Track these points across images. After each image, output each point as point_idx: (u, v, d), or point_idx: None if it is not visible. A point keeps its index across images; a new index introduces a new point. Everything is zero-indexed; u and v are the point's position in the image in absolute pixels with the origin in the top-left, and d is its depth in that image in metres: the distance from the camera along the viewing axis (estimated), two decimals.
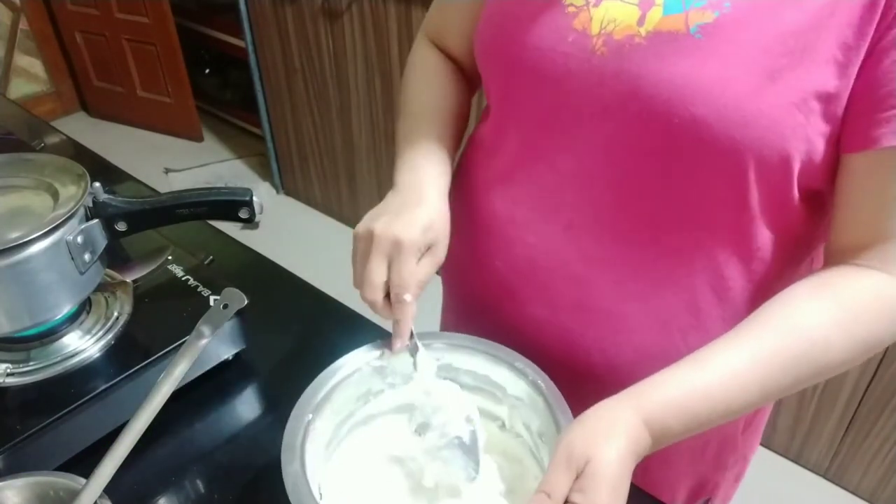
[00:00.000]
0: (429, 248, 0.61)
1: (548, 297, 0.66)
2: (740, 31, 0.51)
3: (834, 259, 0.57)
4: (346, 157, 2.39)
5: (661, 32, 0.53)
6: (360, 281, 0.60)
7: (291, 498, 0.49)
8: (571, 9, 0.57)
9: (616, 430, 0.48)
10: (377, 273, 0.58)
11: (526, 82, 0.61)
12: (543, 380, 0.58)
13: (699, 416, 0.50)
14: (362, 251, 0.60)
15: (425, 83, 0.77)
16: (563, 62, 0.57)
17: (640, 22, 0.54)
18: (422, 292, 0.60)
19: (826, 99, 0.50)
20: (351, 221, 2.55)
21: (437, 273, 0.64)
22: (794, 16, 0.50)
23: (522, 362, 0.60)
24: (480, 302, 0.73)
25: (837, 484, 1.67)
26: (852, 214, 0.54)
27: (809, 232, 0.61)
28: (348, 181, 2.45)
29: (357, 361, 0.61)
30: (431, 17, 0.78)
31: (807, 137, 0.52)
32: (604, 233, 0.61)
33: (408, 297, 0.58)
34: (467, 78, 0.77)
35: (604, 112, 0.56)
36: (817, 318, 0.52)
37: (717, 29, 0.51)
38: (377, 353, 0.62)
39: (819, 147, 0.53)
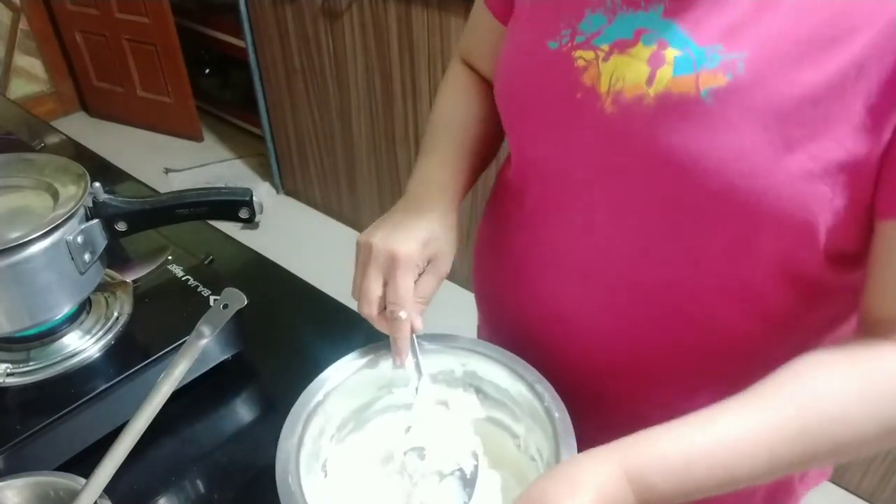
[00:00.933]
0: (430, 261, 0.60)
1: (567, 345, 0.64)
2: (755, 97, 0.46)
3: (866, 330, 0.51)
4: (346, 157, 2.39)
5: (670, 94, 0.49)
6: (357, 293, 0.59)
7: None
8: (581, 62, 0.54)
9: (586, 486, 0.44)
10: (373, 287, 0.58)
11: (538, 133, 0.59)
12: (559, 409, 0.56)
13: (695, 478, 0.45)
14: (361, 263, 0.59)
15: (452, 97, 0.74)
16: (572, 118, 0.55)
17: (650, 81, 0.50)
18: (426, 306, 0.60)
19: (853, 167, 0.46)
20: (351, 221, 2.55)
21: (469, 290, 0.63)
22: (814, 78, 0.45)
23: (542, 385, 0.58)
24: (511, 332, 0.71)
25: (838, 484, 1.67)
26: (885, 284, 0.49)
27: (835, 288, 0.56)
28: (348, 181, 2.45)
29: (346, 370, 0.61)
30: (463, 37, 0.77)
31: (833, 209, 0.48)
32: (617, 288, 0.59)
33: (402, 314, 0.58)
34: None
35: (614, 172, 0.54)
36: (838, 391, 0.47)
37: (729, 94, 0.47)
38: (365, 360, 0.62)
39: (848, 215, 0.48)
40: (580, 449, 0.52)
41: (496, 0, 0.67)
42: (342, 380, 0.60)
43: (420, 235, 0.59)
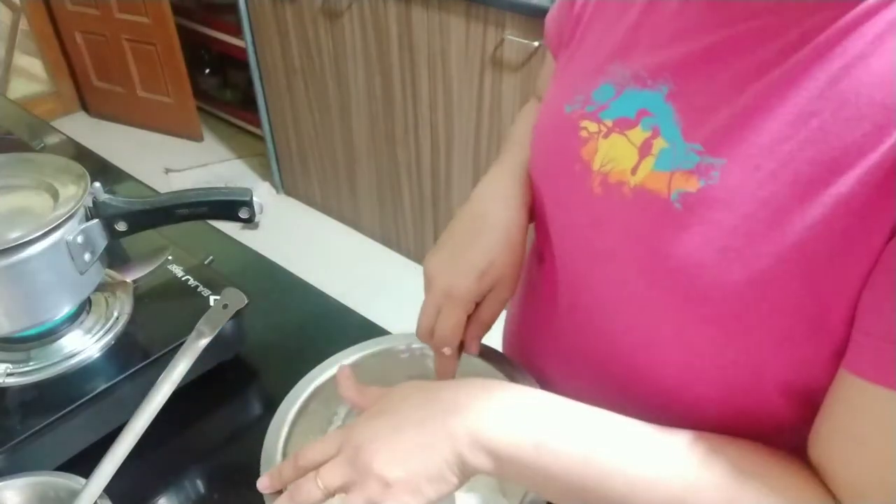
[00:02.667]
0: (491, 289, 0.57)
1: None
2: (724, 212, 0.42)
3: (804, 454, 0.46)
4: (346, 157, 2.39)
5: (644, 191, 0.46)
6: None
7: None
8: (584, 133, 0.52)
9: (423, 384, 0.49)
10: (427, 318, 0.57)
11: (547, 196, 0.58)
12: None
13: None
14: (424, 289, 0.58)
15: (529, 121, 0.70)
16: (570, 190, 0.53)
17: (634, 170, 0.48)
18: (488, 331, 0.59)
19: (826, 310, 0.40)
20: (351, 221, 2.56)
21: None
22: (790, 206, 0.40)
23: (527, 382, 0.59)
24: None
25: None
26: (825, 431, 0.43)
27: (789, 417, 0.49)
28: (348, 181, 2.45)
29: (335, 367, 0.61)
30: (539, 76, 0.76)
31: (800, 356, 0.44)
32: (594, 370, 0.58)
33: (447, 350, 0.57)
34: None
35: (596, 255, 0.52)
36: (713, 466, 0.44)
37: (698, 202, 0.43)
38: (355, 357, 0.62)
39: (818, 362, 0.43)
40: None
41: (555, 43, 0.64)
42: (330, 378, 0.60)
43: (478, 266, 0.55)
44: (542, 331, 0.63)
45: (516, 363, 0.62)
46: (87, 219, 0.67)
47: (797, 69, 0.41)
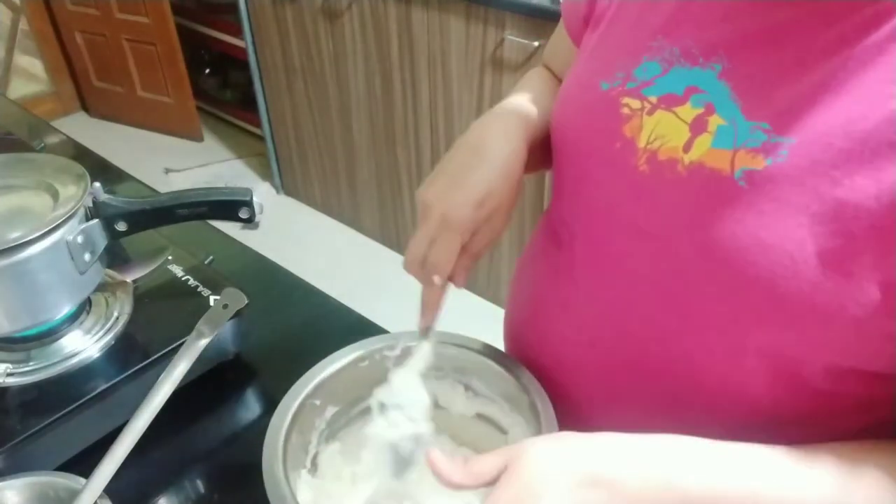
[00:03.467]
0: (488, 219, 0.56)
1: (578, 400, 0.61)
2: (792, 192, 0.41)
3: None
4: (346, 157, 2.39)
5: (703, 167, 0.45)
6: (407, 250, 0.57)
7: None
8: (626, 110, 0.51)
9: (561, 441, 0.46)
10: (418, 247, 0.55)
11: (576, 175, 0.56)
12: (542, 401, 0.57)
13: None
14: (419, 219, 0.56)
15: (531, 79, 0.71)
16: (607, 168, 0.52)
17: (687, 147, 0.47)
18: (474, 263, 0.58)
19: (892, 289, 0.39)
20: (351, 221, 2.55)
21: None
22: (865, 185, 0.39)
23: (527, 378, 0.59)
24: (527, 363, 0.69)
25: None
26: None
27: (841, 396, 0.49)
28: (348, 181, 2.45)
29: (336, 366, 0.62)
30: (546, 48, 0.75)
31: (876, 348, 0.42)
32: (617, 356, 0.56)
33: (437, 279, 0.56)
34: None
35: (636, 235, 0.51)
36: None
37: (765, 181, 0.42)
38: (354, 356, 0.62)
39: (870, 336, 0.42)
40: None
41: (572, 23, 0.64)
42: (331, 375, 0.61)
43: (476, 194, 0.54)
44: (560, 315, 0.61)
45: (517, 361, 0.61)
46: (87, 219, 0.67)
47: (872, 49, 0.40)
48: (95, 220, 0.67)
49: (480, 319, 2.22)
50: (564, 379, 0.61)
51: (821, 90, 0.41)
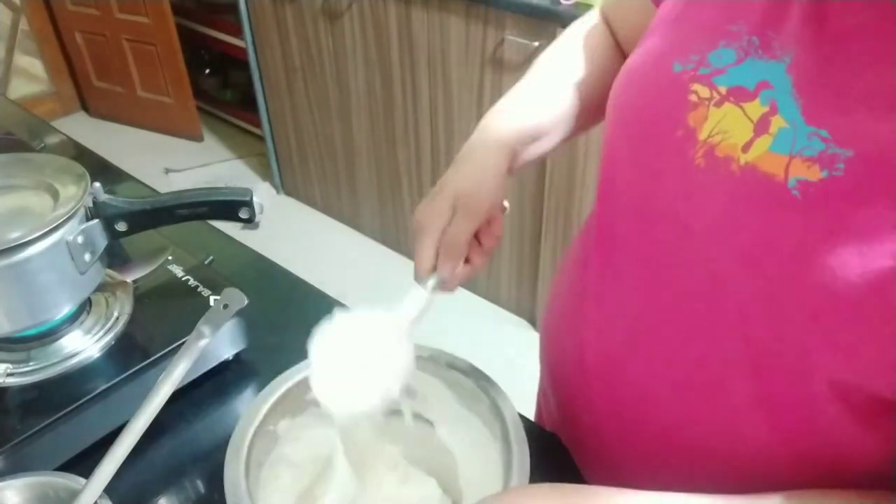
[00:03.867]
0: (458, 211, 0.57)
1: (606, 403, 0.60)
2: (846, 208, 0.39)
3: None
4: (346, 157, 2.39)
5: (756, 171, 0.43)
6: (417, 232, 0.59)
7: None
8: (693, 97, 0.48)
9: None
10: (435, 222, 0.57)
11: (631, 159, 0.54)
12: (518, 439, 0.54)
13: None
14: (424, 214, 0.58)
15: (572, 45, 0.68)
16: (665, 157, 0.49)
17: (746, 147, 0.44)
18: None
19: None
20: (351, 221, 2.55)
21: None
22: None
23: (516, 437, 0.54)
24: (560, 373, 0.68)
25: None
26: None
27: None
28: (348, 181, 2.45)
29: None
30: None
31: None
32: (659, 363, 0.54)
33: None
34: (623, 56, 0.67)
35: (685, 231, 0.48)
36: None
37: (820, 193, 0.40)
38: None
39: None
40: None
41: None
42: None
43: (488, 188, 0.57)
44: (595, 309, 0.60)
45: (491, 379, 0.59)
46: (88, 219, 0.67)
47: None
48: (95, 220, 0.67)
49: (481, 319, 2.22)
50: (596, 377, 0.60)
51: (885, 102, 0.39)
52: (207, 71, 3.25)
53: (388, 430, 0.61)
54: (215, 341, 0.59)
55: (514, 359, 1.88)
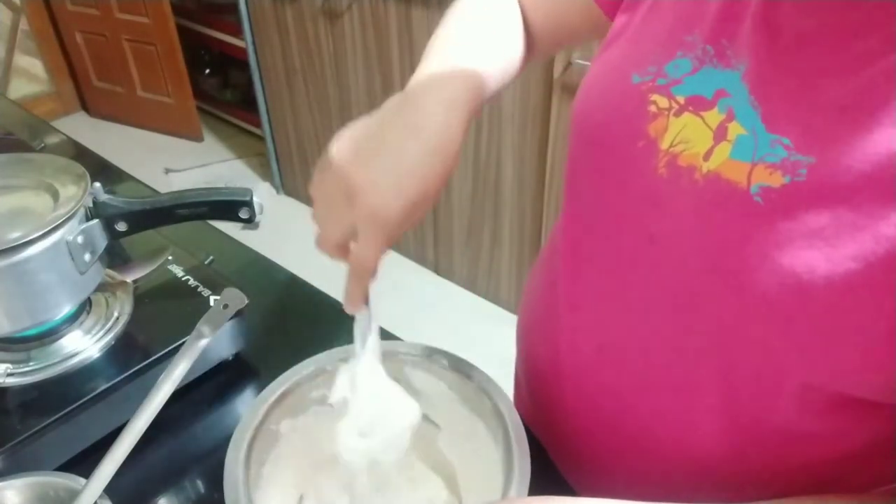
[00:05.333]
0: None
1: (588, 407, 0.60)
2: (809, 213, 0.39)
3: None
4: None
5: (719, 179, 0.43)
6: (317, 227, 0.50)
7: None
8: (653, 108, 0.48)
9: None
10: (337, 229, 0.48)
11: (596, 169, 0.54)
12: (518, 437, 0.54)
13: None
14: (331, 186, 0.47)
15: (489, 16, 0.62)
16: (627, 167, 0.49)
17: (707, 155, 0.44)
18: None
19: None
20: None
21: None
22: (887, 212, 0.37)
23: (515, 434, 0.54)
24: (535, 371, 0.68)
25: None
26: None
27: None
28: None
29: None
30: None
31: (882, 376, 0.40)
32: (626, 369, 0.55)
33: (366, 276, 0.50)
34: (529, 43, 0.65)
35: (651, 237, 0.49)
36: None
37: (782, 199, 0.40)
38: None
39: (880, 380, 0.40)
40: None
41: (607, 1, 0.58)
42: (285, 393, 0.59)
43: (411, 195, 0.46)
44: (566, 317, 0.59)
45: (484, 374, 0.59)
46: (88, 219, 0.67)
47: None
48: (95, 221, 0.67)
49: (481, 319, 2.22)
50: (570, 382, 0.60)
51: (844, 108, 0.39)
52: (207, 71, 3.25)
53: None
54: (215, 341, 0.59)
55: (514, 359, 1.87)
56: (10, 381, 0.65)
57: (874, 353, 0.39)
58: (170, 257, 0.80)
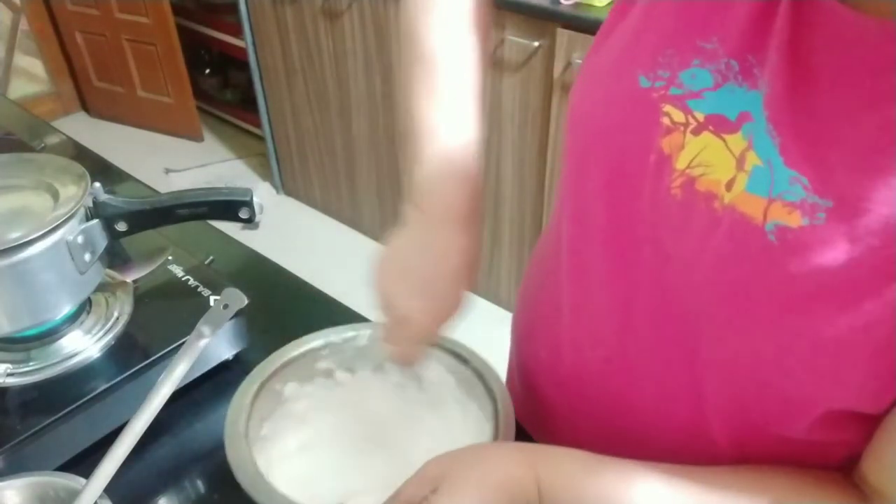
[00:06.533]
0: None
1: (587, 414, 0.60)
2: (827, 257, 0.37)
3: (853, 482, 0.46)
4: (346, 157, 2.39)
5: (734, 212, 0.40)
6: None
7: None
8: (666, 120, 0.43)
9: (488, 464, 0.46)
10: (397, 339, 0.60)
11: (598, 177, 0.50)
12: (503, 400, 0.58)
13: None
14: (389, 318, 0.59)
15: (453, 26, 0.59)
16: (635, 181, 0.46)
17: (730, 185, 0.41)
18: None
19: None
20: (351, 221, 2.55)
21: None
22: None
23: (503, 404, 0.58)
24: (532, 381, 0.68)
25: None
26: (885, 457, 0.42)
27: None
28: (348, 181, 2.45)
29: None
30: None
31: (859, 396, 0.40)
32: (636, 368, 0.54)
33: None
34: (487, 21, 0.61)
35: (665, 258, 0.46)
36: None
37: (798, 242, 0.38)
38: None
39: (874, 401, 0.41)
40: None
41: None
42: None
43: (444, 310, 0.57)
44: (562, 320, 0.60)
45: (481, 358, 0.62)
46: (88, 219, 0.67)
47: None
48: (95, 220, 0.67)
49: (480, 319, 2.22)
50: (573, 390, 0.61)
51: (863, 148, 0.36)
52: (207, 71, 3.25)
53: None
54: (215, 341, 0.60)
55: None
56: (10, 381, 0.65)
57: (885, 396, 0.39)
58: (170, 257, 0.80)
